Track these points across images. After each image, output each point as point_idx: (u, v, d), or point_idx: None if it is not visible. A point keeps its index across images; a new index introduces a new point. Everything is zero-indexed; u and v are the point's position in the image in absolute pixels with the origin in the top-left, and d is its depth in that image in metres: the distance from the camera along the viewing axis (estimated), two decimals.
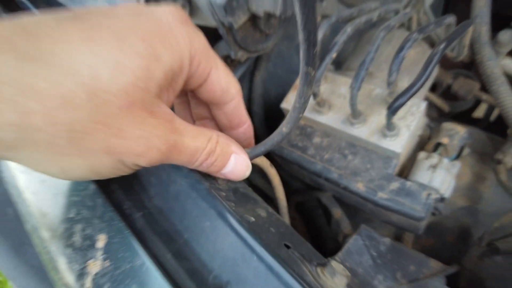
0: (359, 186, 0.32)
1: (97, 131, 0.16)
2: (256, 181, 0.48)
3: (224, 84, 0.22)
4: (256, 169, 0.38)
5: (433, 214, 0.35)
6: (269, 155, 0.34)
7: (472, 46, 0.45)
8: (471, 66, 0.62)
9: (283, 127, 0.23)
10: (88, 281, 0.21)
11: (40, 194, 0.26)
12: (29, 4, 0.38)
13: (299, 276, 0.20)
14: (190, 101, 0.26)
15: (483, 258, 0.31)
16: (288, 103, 0.37)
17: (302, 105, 0.21)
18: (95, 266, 0.21)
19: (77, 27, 0.16)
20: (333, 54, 0.31)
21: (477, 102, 0.60)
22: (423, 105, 0.32)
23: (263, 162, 0.30)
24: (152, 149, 0.18)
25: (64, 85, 0.15)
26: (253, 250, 0.21)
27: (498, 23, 0.49)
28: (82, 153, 0.17)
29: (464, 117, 0.64)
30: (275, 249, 0.21)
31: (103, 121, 0.16)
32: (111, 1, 0.35)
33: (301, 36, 0.17)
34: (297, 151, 0.36)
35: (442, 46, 0.28)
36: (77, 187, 0.24)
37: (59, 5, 0.39)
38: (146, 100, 0.18)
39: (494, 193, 0.41)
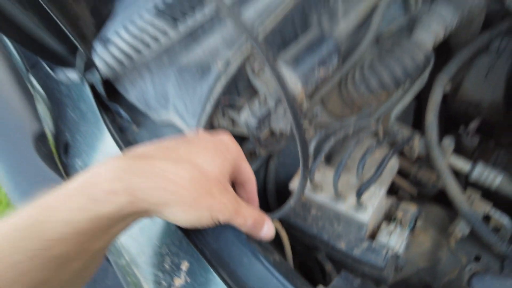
0: (342, 245, 0.47)
1: (206, 198, 0.31)
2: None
3: (247, 172, 0.39)
4: None
5: (396, 270, 0.49)
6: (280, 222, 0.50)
7: (427, 147, 0.63)
8: None
9: (291, 201, 0.39)
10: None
11: (139, 239, 0.41)
12: (124, 114, 0.58)
13: None
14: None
15: None
16: (294, 184, 0.54)
17: (301, 190, 0.38)
18: (179, 281, 0.36)
19: (192, 147, 0.34)
20: (321, 157, 0.48)
21: None
22: (383, 190, 0.48)
23: (277, 226, 0.46)
24: (227, 209, 0.34)
25: (195, 174, 0.32)
26: (274, 276, 0.35)
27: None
28: (197, 210, 0.31)
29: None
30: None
31: (208, 192, 0.32)
32: (180, 115, 0.55)
33: (300, 153, 0.35)
34: (299, 219, 0.52)
35: (390, 153, 0.45)
36: (168, 233, 0.40)
37: (141, 113, 0.58)
38: (224, 182, 0.35)
39: (448, 257, 0.55)
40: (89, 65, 0.51)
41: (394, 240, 0.45)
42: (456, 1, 0.58)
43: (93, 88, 0.58)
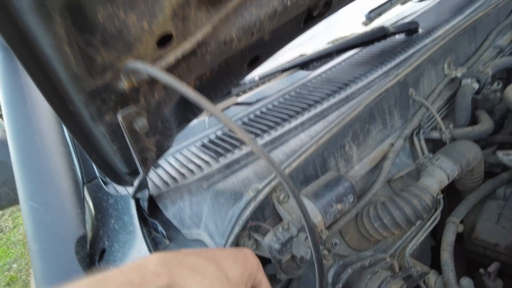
0: None
1: None
2: None
3: (265, 285, 0.43)
4: None
5: None
6: None
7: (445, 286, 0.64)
8: None
9: None
10: None
11: None
12: (160, 229, 0.65)
13: None
14: None
15: None
16: None
17: None
18: None
19: (218, 253, 0.40)
20: (340, 287, 0.51)
21: None
22: None
23: None
24: None
25: (220, 274, 0.37)
26: None
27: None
28: None
29: None
30: None
31: None
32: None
33: (317, 277, 0.39)
34: None
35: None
36: None
37: (174, 229, 0.65)
38: (242, 285, 0.38)
39: None
40: (143, 187, 0.61)
41: None
42: (454, 156, 0.68)
43: (137, 203, 0.67)
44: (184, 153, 0.75)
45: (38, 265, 0.61)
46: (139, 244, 0.62)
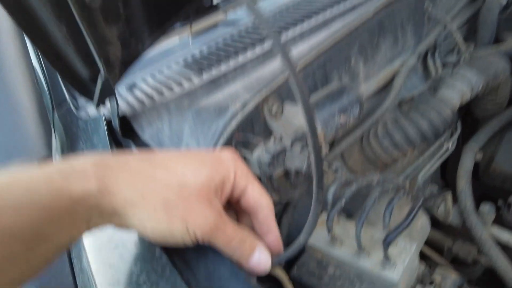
0: None
1: (179, 205, 0.28)
2: None
3: (256, 196, 0.34)
4: None
5: None
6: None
7: (462, 215, 0.56)
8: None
9: (300, 238, 0.33)
10: None
11: (116, 265, 0.35)
12: (135, 150, 0.56)
13: None
14: (238, 214, 0.37)
15: None
16: (313, 239, 0.47)
17: (314, 220, 0.32)
18: None
19: (176, 156, 0.31)
20: (342, 203, 0.43)
21: None
22: (414, 245, 0.40)
23: (282, 277, 0.38)
24: (207, 224, 0.29)
25: (170, 177, 0.29)
26: None
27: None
28: (168, 218, 0.28)
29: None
30: None
31: (183, 199, 0.28)
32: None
33: (314, 170, 0.30)
34: (314, 278, 0.43)
35: (419, 204, 0.39)
36: (152, 259, 0.33)
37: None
38: (208, 193, 0.30)
39: None
40: (108, 93, 0.52)
41: None
42: (479, 66, 0.58)
43: (109, 124, 0.58)
44: (163, 71, 0.65)
45: None
46: None
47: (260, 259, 0.32)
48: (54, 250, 0.27)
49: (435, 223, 0.59)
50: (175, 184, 0.29)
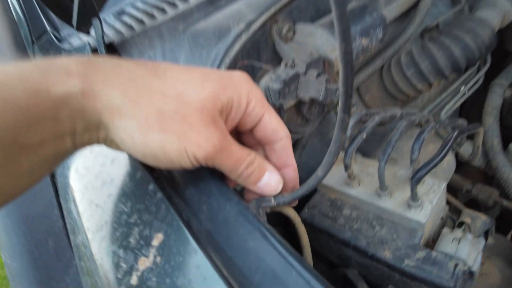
0: (386, 254, 0.34)
1: (176, 119, 0.23)
2: None
3: (274, 125, 0.28)
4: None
5: None
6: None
7: (487, 155, 0.51)
8: (491, 180, 0.65)
9: (319, 171, 0.28)
10: (134, 278, 0.24)
11: (106, 205, 0.30)
12: None
13: None
14: (250, 142, 0.32)
15: None
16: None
17: (336, 149, 0.26)
18: (146, 262, 0.24)
19: (178, 68, 0.26)
20: (364, 135, 0.37)
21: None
22: (443, 184, 0.36)
23: (295, 217, 0.34)
24: (209, 144, 0.24)
25: (168, 88, 0.24)
26: (292, 266, 0.23)
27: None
28: (162, 132, 0.23)
29: None
30: (311, 269, 0.23)
31: (182, 114, 0.24)
32: None
33: (341, 90, 0.24)
34: (328, 220, 0.39)
35: (456, 132, 0.34)
36: (145, 196, 0.28)
37: None
38: (212, 111, 0.25)
39: None
40: (91, 13, 0.44)
41: (466, 249, 0.32)
42: None
43: (95, 54, 0.50)
44: None
45: None
46: None
47: (271, 181, 0.27)
48: (38, 163, 0.23)
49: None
50: (173, 95, 0.24)
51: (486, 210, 0.58)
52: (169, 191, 0.29)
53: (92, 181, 0.35)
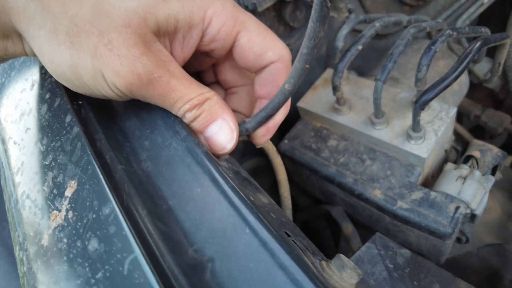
0: (376, 194, 0.28)
1: (91, 33, 0.17)
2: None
3: (256, 48, 0.20)
4: (254, 166, 0.34)
5: (458, 240, 0.30)
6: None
7: (505, 75, 0.43)
8: (500, 105, 0.59)
9: (286, 84, 0.20)
10: (45, 237, 0.18)
11: (23, 142, 0.23)
12: None
13: (298, 258, 0.16)
14: (231, 68, 0.24)
15: None
16: (305, 103, 0.35)
17: (310, 50, 0.18)
18: (57, 218, 0.18)
19: None
20: (359, 46, 0.29)
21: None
22: (453, 111, 0.29)
23: (269, 147, 0.27)
24: (132, 72, 0.18)
25: None
26: (246, 222, 0.17)
27: None
28: (73, 46, 0.17)
29: None
30: (272, 227, 0.17)
31: (99, 27, 0.17)
32: None
33: None
34: (310, 153, 0.33)
35: (479, 42, 0.25)
36: (60, 130, 0.22)
37: None
38: (142, 29, 0.18)
39: None
40: None
41: (471, 190, 0.26)
42: None
43: None
44: None
45: None
46: None
47: (221, 132, 0.20)
48: None
49: None
50: (90, 4, 0.18)
51: (491, 138, 0.52)
52: (94, 124, 0.22)
53: (12, 112, 0.27)
